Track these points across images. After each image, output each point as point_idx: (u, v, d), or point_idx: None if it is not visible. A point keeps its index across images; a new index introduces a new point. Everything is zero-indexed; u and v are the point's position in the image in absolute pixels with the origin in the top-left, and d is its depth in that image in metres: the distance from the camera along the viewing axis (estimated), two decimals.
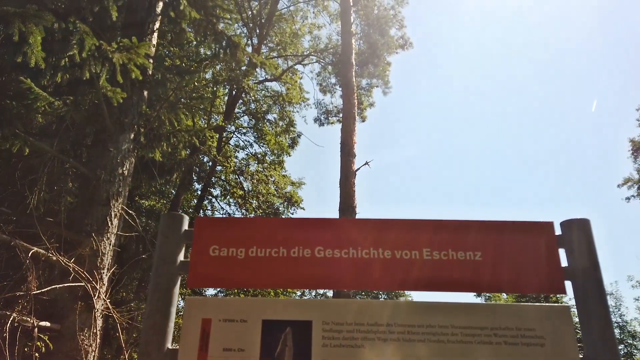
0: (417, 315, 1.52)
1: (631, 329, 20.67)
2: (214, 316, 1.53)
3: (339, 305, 1.57)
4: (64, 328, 5.04)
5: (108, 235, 5.62)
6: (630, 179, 19.66)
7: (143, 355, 1.45)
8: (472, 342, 1.49)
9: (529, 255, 1.57)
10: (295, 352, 1.49)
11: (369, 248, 1.61)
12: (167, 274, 1.55)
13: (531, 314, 1.51)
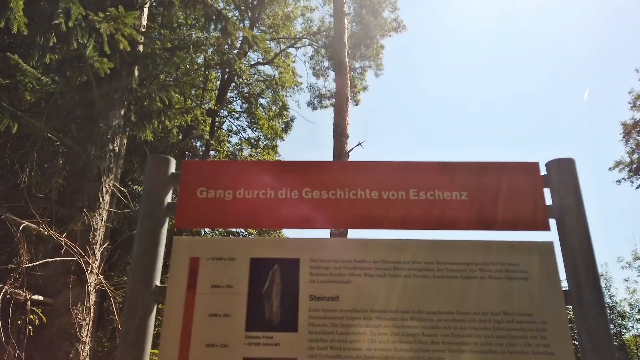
0: (403, 252, 1.54)
1: (620, 309, 21.03)
2: (202, 255, 1.54)
3: (326, 243, 1.59)
4: (57, 302, 5.05)
5: (100, 211, 5.60)
6: (621, 162, 19.81)
7: (132, 292, 1.46)
8: (457, 277, 1.50)
9: (514, 195, 1.59)
10: (283, 288, 1.50)
11: (355, 189, 1.61)
12: (154, 215, 1.55)
13: (516, 250, 1.53)
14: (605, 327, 1.39)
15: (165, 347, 1.42)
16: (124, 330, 1.41)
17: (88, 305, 5.20)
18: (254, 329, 1.45)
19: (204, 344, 1.43)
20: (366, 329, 1.45)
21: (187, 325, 1.45)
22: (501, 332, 1.43)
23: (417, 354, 1.41)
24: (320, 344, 1.43)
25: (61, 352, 4.95)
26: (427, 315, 1.46)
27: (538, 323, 1.43)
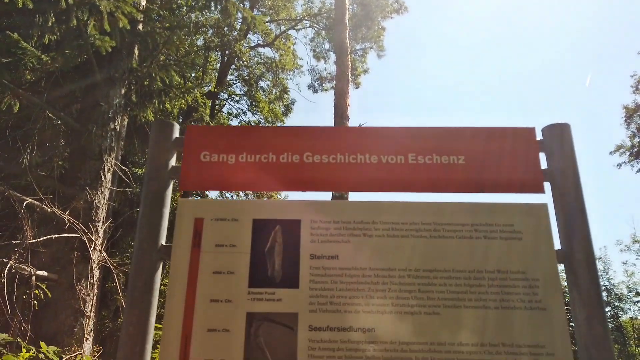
0: (401, 213, 1.58)
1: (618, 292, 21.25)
2: (205, 216, 1.58)
3: (326, 205, 1.63)
4: (61, 278, 5.13)
5: (102, 189, 5.66)
6: (622, 146, 19.79)
7: (138, 250, 1.51)
8: (454, 237, 1.55)
9: (510, 159, 1.63)
10: (285, 248, 1.55)
11: (355, 154, 1.65)
12: (158, 177, 1.59)
13: (510, 211, 1.58)
14: (595, 284, 1.44)
15: (172, 303, 1.47)
16: (132, 285, 1.46)
17: (92, 282, 5.29)
18: (256, 285, 1.50)
19: (209, 299, 1.48)
20: (364, 285, 1.50)
21: (192, 281, 1.50)
22: (495, 288, 1.48)
23: (413, 309, 1.47)
24: (320, 299, 1.48)
25: (66, 326, 5.05)
26: (423, 273, 1.51)
27: (531, 280, 1.49)
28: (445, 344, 1.43)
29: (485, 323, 1.45)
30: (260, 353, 1.43)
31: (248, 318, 1.47)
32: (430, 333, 1.44)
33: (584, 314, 1.41)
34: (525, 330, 1.44)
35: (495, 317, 1.45)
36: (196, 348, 1.43)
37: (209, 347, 1.43)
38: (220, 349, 1.43)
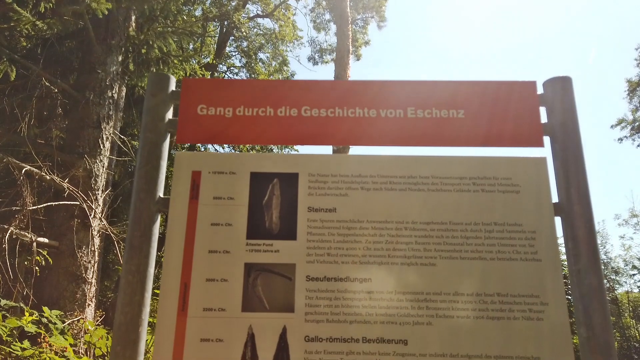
0: (399, 167, 1.58)
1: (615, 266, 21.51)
2: (203, 169, 1.58)
3: (324, 159, 1.62)
4: (62, 245, 5.18)
5: (101, 158, 5.65)
6: (624, 120, 19.68)
7: (136, 201, 1.51)
8: (452, 190, 1.55)
9: (510, 112, 1.61)
10: (283, 200, 1.55)
11: (354, 107, 1.64)
12: (155, 129, 1.58)
13: (509, 165, 1.57)
14: (592, 236, 1.45)
15: (170, 253, 1.48)
16: (130, 235, 1.47)
17: (93, 249, 5.34)
18: (254, 237, 1.51)
19: (207, 250, 1.49)
20: (361, 237, 1.51)
21: (191, 233, 1.51)
22: (491, 240, 1.49)
23: (409, 260, 1.48)
24: (317, 250, 1.49)
25: (68, 292, 5.13)
26: (420, 225, 1.52)
27: (527, 232, 1.49)
28: (440, 293, 1.45)
29: (481, 274, 1.46)
30: (259, 302, 1.45)
31: (246, 268, 1.48)
32: (426, 283, 1.46)
33: (579, 265, 1.42)
34: (520, 281, 1.45)
35: (491, 268, 1.46)
36: (195, 297, 1.44)
37: (207, 296, 1.45)
38: (219, 298, 1.45)
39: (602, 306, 1.38)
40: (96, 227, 5.30)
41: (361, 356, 1.40)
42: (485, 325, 1.41)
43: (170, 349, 1.40)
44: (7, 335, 3.83)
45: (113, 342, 1.38)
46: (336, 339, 1.41)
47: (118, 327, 1.39)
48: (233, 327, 1.42)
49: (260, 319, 1.43)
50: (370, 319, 1.43)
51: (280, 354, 1.40)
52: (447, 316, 1.43)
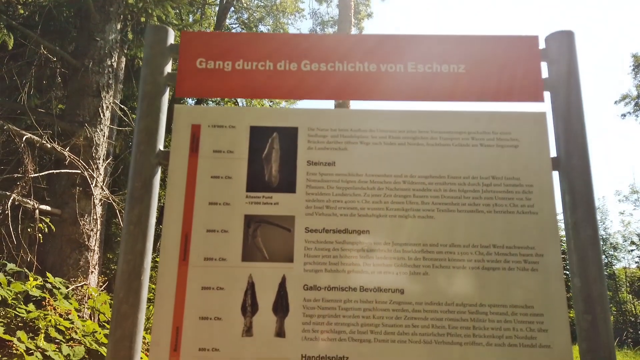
0: (399, 121, 1.58)
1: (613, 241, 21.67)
2: (203, 122, 1.58)
3: (323, 113, 1.62)
4: (64, 213, 5.22)
5: (101, 127, 5.63)
6: (628, 95, 19.51)
7: (136, 153, 1.52)
8: (450, 144, 1.56)
9: (511, 67, 1.60)
10: (282, 154, 1.56)
11: (354, 62, 1.63)
12: (154, 81, 1.58)
13: (508, 120, 1.57)
14: (588, 189, 1.46)
15: (171, 205, 1.50)
16: (131, 187, 1.48)
17: (95, 217, 5.38)
18: (254, 190, 1.52)
19: (207, 202, 1.51)
20: (360, 190, 1.52)
21: (191, 186, 1.52)
22: (489, 194, 1.50)
23: (407, 212, 1.50)
24: (316, 203, 1.51)
25: (71, 259, 5.19)
26: (418, 179, 1.53)
27: (525, 186, 1.50)
28: (437, 245, 1.47)
29: (478, 226, 1.48)
30: (258, 252, 1.47)
31: (246, 220, 1.50)
32: (424, 235, 1.48)
33: (575, 217, 1.44)
34: (516, 232, 1.47)
35: (488, 221, 1.48)
36: (196, 247, 1.47)
37: (208, 246, 1.47)
38: (220, 248, 1.47)
39: (597, 257, 1.41)
40: (98, 196, 5.33)
41: (358, 304, 1.43)
42: (481, 276, 1.44)
43: (172, 296, 1.43)
44: (12, 299, 3.90)
45: (116, 289, 1.41)
46: (334, 287, 1.44)
47: (121, 275, 1.42)
48: (233, 276, 1.45)
49: (260, 268, 1.46)
50: (368, 269, 1.46)
51: (280, 302, 1.43)
52: (444, 267, 1.45)
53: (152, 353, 1.38)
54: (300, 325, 1.41)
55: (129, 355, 1.36)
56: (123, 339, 1.36)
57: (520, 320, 1.40)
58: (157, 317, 1.42)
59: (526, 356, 1.37)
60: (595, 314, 1.35)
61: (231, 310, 1.42)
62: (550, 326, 1.39)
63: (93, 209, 5.28)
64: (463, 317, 1.41)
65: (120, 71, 8.73)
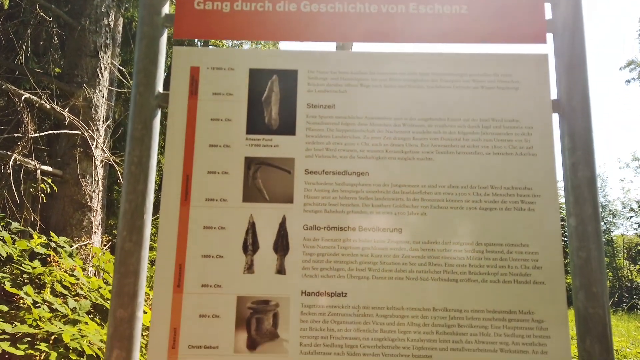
0: (399, 64, 1.57)
1: (612, 208, 21.81)
2: (201, 64, 1.57)
3: (323, 56, 1.61)
4: (66, 174, 5.24)
5: (100, 88, 5.59)
6: (633, 61, 19.21)
7: (136, 95, 1.51)
8: (451, 87, 1.55)
9: (514, 8, 1.58)
10: (282, 97, 1.55)
11: (354, 3, 1.60)
12: (152, 23, 1.56)
13: (510, 62, 1.56)
14: (588, 131, 1.46)
15: (171, 147, 1.51)
16: (132, 128, 1.48)
17: (96, 179, 5.41)
18: (254, 132, 1.53)
19: (208, 144, 1.51)
20: (359, 133, 1.52)
21: (191, 128, 1.52)
22: (488, 136, 1.51)
23: (406, 154, 1.51)
24: (316, 145, 1.52)
25: (74, 220, 5.25)
26: (418, 121, 1.53)
27: (524, 128, 1.51)
28: (436, 186, 1.48)
29: (476, 167, 1.49)
30: (259, 193, 1.49)
31: (246, 162, 1.51)
32: (422, 177, 1.49)
33: (573, 158, 1.45)
34: (514, 174, 1.48)
35: (487, 162, 1.49)
36: (197, 188, 1.48)
37: (209, 187, 1.49)
38: (220, 189, 1.49)
39: (593, 197, 1.42)
40: (99, 157, 5.34)
41: (357, 243, 1.45)
42: (478, 216, 1.46)
43: (174, 235, 1.46)
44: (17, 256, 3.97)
45: (119, 228, 1.44)
46: (333, 227, 1.47)
47: (123, 214, 1.44)
48: (234, 216, 1.47)
49: (260, 209, 1.48)
50: (367, 210, 1.48)
51: (280, 241, 1.46)
52: (441, 207, 1.47)
53: (156, 288, 1.42)
54: (300, 263, 1.45)
55: (133, 291, 1.40)
56: (127, 275, 1.40)
57: (515, 258, 1.43)
58: (160, 255, 1.45)
59: (520, 292, 1.41)
60: (590, 251, 1.38)
61: (233, 249, 1.45)
62: (544, 264, 1.42)
63: (94, 170, 5.30)
64: (459, 255, 1.44)
65: (118, 34, 8.58)
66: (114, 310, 1.38)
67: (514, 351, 1.38)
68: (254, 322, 1.42)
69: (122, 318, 1.37)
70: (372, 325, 1.41)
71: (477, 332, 1.40)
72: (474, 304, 1.41)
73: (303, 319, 1.42)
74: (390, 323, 1.41)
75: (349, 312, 1.42)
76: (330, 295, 1.43)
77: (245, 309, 1.42)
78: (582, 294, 1.38)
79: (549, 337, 1.38)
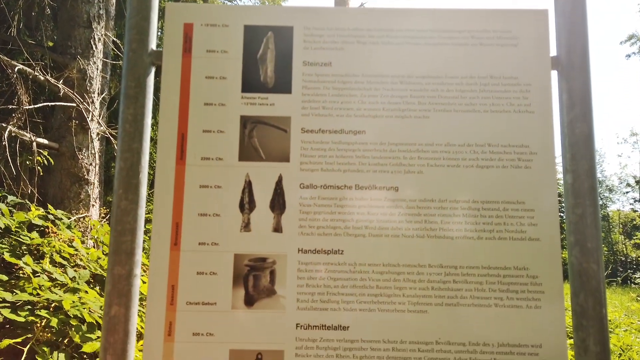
0: (397, 20, 1.54)
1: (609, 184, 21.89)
2: (195, 21, 1.54)
3: (320, 11, 1.58)
4: (62, 147, 5.21)
5: (94, 60, 5.51)
6: (634, 35, 18.99)
7: (129, 52, 1.49)
8: (449, 43, 1.53)
9: None
10: (277, 54, 1.53)
11: None
12: None
13: (509, 17, 1.53)
14: (587, 88, 1.45)
15: (166, 106, 1.49)
16: (125, 86, 1.46)
17: (93, 152, 5.38)
18: (249, 90, 1.51)
19: (202, 103, 1.50)
20: (356, 91, 1.51)
21: (185, 86, 1.50)
22: (486, 93, 1.49)
23: (403, 113, 1.49)
24: (312, 104, 1.50)
25: (72, 193, 5.25)
26: (416, 79, 1.51)
27: (523, 85, 1.49)
28: (433, 144, 1.48)
29: (474, 125, 1.48)
30: (255, 152, 1.48)
31: (242, 120, 1.50)
32: (419, 135, 1.48)
33: (571, 115, 1.44)
34: (512, 131, 1.47)
35: (484, 120, 1.48)
36: (192, 146, 1.47)
37: (204, 146, 1.48)
38: (216, 148, 1.48)
39: (589, 153, 1.42)
40: (95, 130, 5.30)
41: (353, 201, 1.46)
42: (475, 174, 1.46)
43: (170, 194, 1.45)
44: (15, 227, 3.98)
45: (115, 186, 1.43)
46: (330, 186, 1.47)
47: (119, 172, 1.43)
48: (230, 175, 1.47)
49: (256, 167, 1.47)
50: (363, 168, 1.47)
51: (276, 199, 1.46)
52: (438, 165, 1.47)
53: (153, 246, 1.43)
54: (297, 222, 1.45)
55: (130, 249, 1.40)
56: (124, 233, 1.40)
57: (511, 215, 1.43)
58: (156, 214, 1.45)
59: (515, 249, 1.42)
60: (585, 207, 1.38)
61: (229, 208, 1.45)
62: (540, 221, 1.43)
63: (90, 143, 5.27)
64: (455, 212, 1.44)
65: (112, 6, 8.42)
66: (111, 267, 1.39)
67: (508, 306, 1.40)
68: (251, 279, 1.43)
69: (119, 275, 1.38)
70: (368, 281, 1.42)
71: (472, 288, 1.41)
72: (469, 260, 1.42)
73: (300, 275, 1.43)
74: (386, 280, 1.42)
75: (345, 269, 1.43)
76: (326, 253, 1.44)
77: (243, 267, 1.43)
78: (577, 249, 1.38)
79: (543, 292, 1.40)
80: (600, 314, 1.35)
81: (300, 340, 1.40)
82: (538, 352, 1.37)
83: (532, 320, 1.39)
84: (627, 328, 6.33)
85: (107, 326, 1.36)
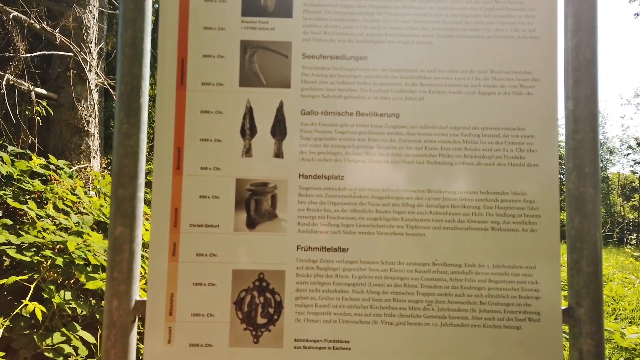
0: None
1: (611, 146, 21.84)
2: None
3: None
4: (60, 97, 5.17)
5: (90, 8, 5.38)
6: None
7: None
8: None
9: None
10: None
11: None
12: None
13: None
14: (593, 11, 1.42)
15: (164, 31, 1.47)
16: (123, 8, 1.44)
17: (92, 103, 5.34)
18: (249, 14, 1.48)
19: (202, 27, 1.48)
20: (359, 15, 1.48)
21: (184, 9, 1.48)
22: (490, 19, 1.47)
23: (406, 38, 1.47)
24: (314, 29, 1.48)
25: (72, 144, 5.24)
26: (419, 3, 1.48)
27: (527, 10, 1.47)
28: (435, 70, 1.46)
29: (476, 51, 1.47)
30: (255, 77, 1.47)
31: (242, 45, 1.48)
32: (421, 61, 1.47)
33: (575, 40, 1.42)
34: (515, 57, 1.46)
35: (487, 45, 1.46)
36: (192, 71, 1.46)
37: (205, 71, 1.46)
38: (216, 73, 1.47)
39: (592, 79, 1.41)
40: (93, 81, 5.24)
41: (354, 127, 1.46)
42: (476, 100, 1.45)
43: (172, 120, 1.45)
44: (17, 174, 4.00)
45: (117, 109, 1.43)
46: (331, 112, 1.47)
47: (120, 96, 1.43)
48: (231, 101, 1.46)
49: (257, 93, 1.47)
50: (364, 95, 1.47)
51: (277, 125, 1.46)
52: (440, 92, 1.46)
53: (156, 170, 1.44)
54: (298, 147, 1.46)
55: (133, 172, 1.41)
56: (126, 156, 1.41)
57: (510, 142, 1.44)
58: (158, 138, 1.45)
59: (513, 174, 1.43)
60: (585, 133, 1.39)
61: (230, 133, 1.46)
62: (539, 147, 1.44)
63: (89, 94, 5.22)
64: (456, 139, 1.45)
65: None
66: (115, 190, 1.41)
67: (504, 229, 1.43)
68: (253, 203, 1.45)
69: (123, 197, 1.40)
70: (367, 206, 1.45)
71: (469, 212, 1.44)
72: (468, 185, 1.44)
73: (301, 200, 1.45)
74: (385, 204, 1.45)
75: (345, 194, 1.45)
76: (327, 178, 1.45)
77: (244, 191, 1.45)
78: (574, 174, 1.40)
79: (539, 217, 1.42)
80: (594, 237, 1.38)
81: (300, 261, 1.44)
82: (532, 272, 1.41)
83: (527, 243, 1.42)
84: (620, 282, 6.48)
85: (112, 246, 1.39)
